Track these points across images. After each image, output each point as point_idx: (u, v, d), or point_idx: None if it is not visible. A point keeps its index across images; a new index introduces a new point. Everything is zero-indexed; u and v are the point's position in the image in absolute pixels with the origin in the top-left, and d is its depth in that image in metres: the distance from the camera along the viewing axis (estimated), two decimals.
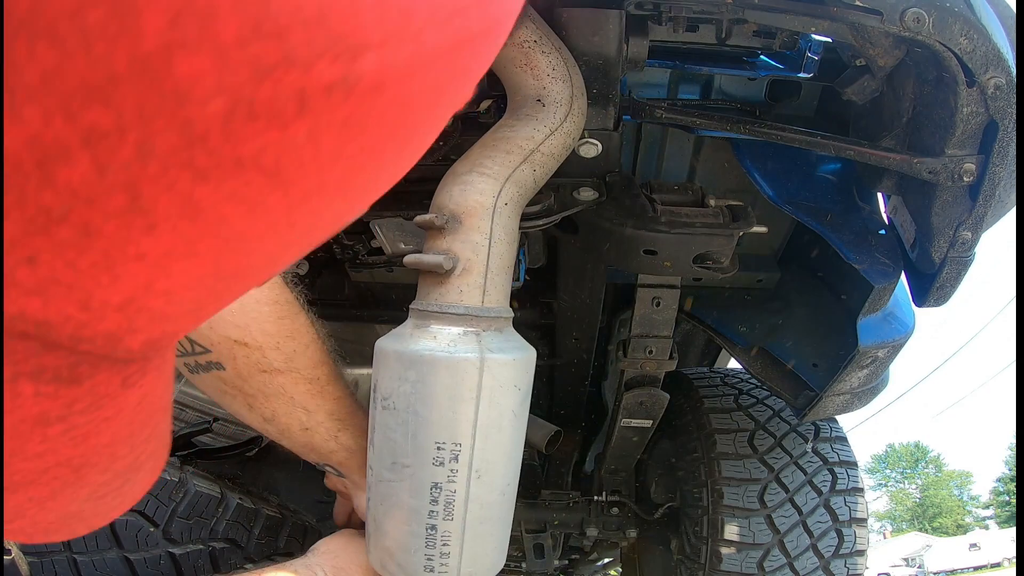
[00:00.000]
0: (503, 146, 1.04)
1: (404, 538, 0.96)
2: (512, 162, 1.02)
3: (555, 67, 1.07)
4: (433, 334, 0.92)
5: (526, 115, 1.07)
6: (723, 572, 1.77)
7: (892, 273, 1.30)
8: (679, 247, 1.25)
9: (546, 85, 1.07)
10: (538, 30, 1.07)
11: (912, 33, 0.92)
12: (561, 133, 1.08)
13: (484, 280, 0.96)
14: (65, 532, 0.39)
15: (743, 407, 1.97)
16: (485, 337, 0.93)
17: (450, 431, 0.92)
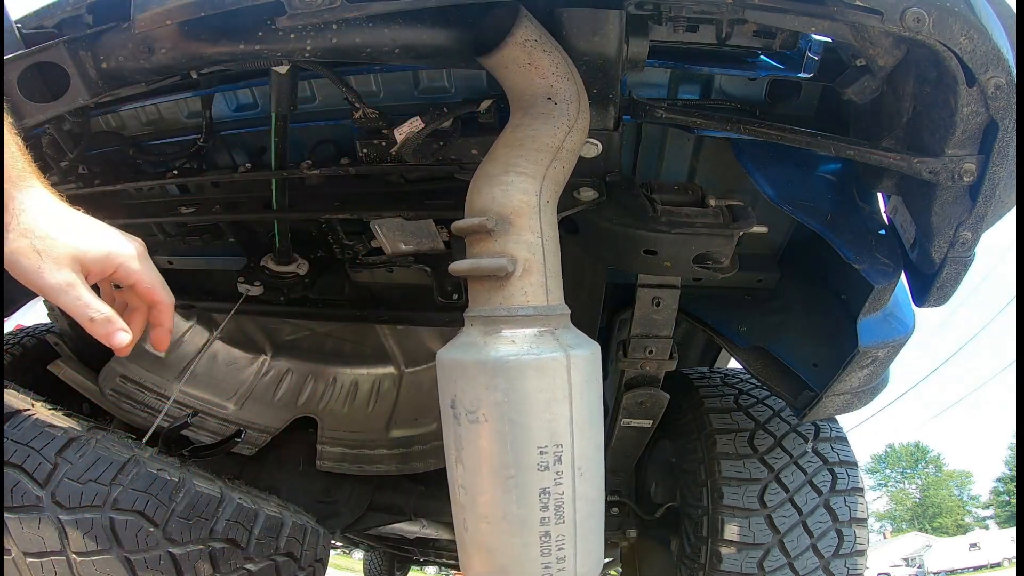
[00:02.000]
0: (531, 145, 1.04)
1: (518, 551, 0.91)
2: (545, 160, 1.03)
3: (558, 65, 1.07)
4: (510, 339, 0.91)
5: (541, 113, 1.07)
6: (723, 572, 1.76)
7: (892, 273, 1.30)
8: (679, 247, 1.24)
9: (553, 83, 1.07)
10: (536, 29, 1.07)
11: (912, 33, 0.92)
12: (577, 129, 1.09)
13: (545, 278, 0.96)
14: None
15: (743, 407, 1.97)
16: (560, 334, 0.94)
17: (551, 433, 0.90)
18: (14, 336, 2.43)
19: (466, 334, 0.96)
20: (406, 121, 1.32)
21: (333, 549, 4.10)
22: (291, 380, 2.29)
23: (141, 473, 1.13)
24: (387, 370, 2.30)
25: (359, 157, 1.44)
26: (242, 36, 1.04)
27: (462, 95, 1.46)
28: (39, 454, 1.07)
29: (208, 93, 1.54)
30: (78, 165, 1.64)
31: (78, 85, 1.04)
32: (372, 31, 1.06)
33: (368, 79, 1.47)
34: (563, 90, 1.08)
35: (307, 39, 1.04)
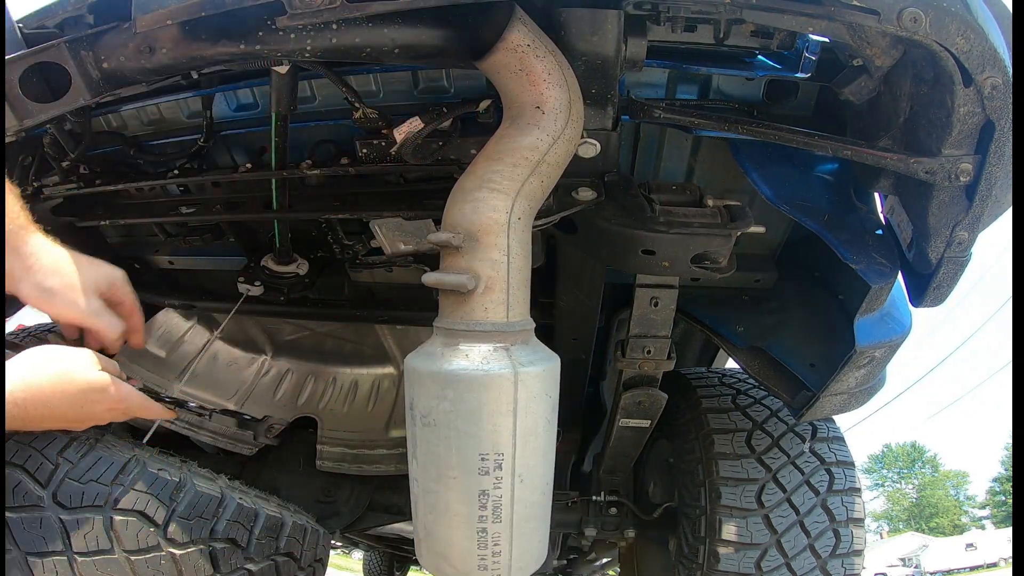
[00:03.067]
0: (509, 159, 1.03)
1: (458, 542, 1.02)
2: (520, 175, 1.02)
3: (551, 72, 1.05)
4: (465, 352, 0.96)
5: (527, 124, 1.06)
6: (721, 572, 1.77)
7: (889, 273, 1.31)
8: (677, 247, 1.25)
9: (543, 91, 1.05)
10: (530, 33, 1.05)
11: (909, 33, 0.93)
12: (563, 140, 1.07)
13: (507, 296, 1.00)
14: None
15: (741, 407, 1.97)
16: (514, 351, 0.98)
17: (492, 443, 0.97)
18: (15, 336, 2.42)
19: (430, 343, 1.02)
20: (405, 121, 1.33)
21: (333, 549, 4.10)
22: (291, 380, 2.29)
23: (142, 473, 1.13)
24: (387, 370, 2.30)
25: (359, 157, 1.44)
26: (242, 36, 1.04)
27: (461, 95, 1.47)
28: (40, 454, 1.08)
29: (209, 93, 1.54)
30: (79, 165, 1.65)
31: (79, 85, 1.05)
32: (372, 31, 1.06)
33: (368, 79, 1.47)
34: (553, 99, 1.06)
35: (307, 39, 1.04)
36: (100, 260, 1.23)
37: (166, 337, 2.28)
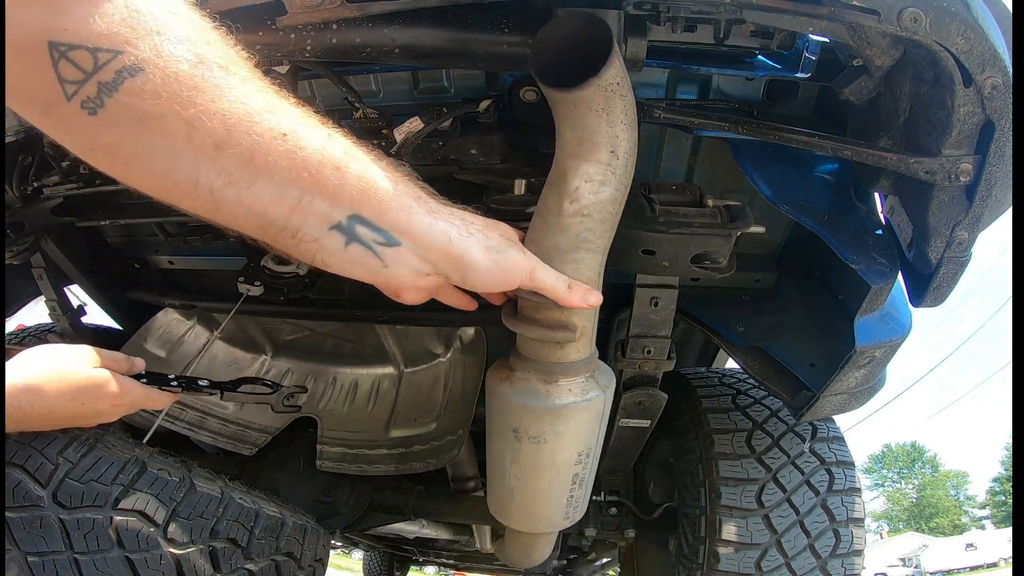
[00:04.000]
0: (598, 215, 1.02)
1: (553, 510, 1.35)
2: (607, 231, 1.05)
3: (628, 111, 1.00)
4: (567, 388, 1.12)
5: (605, 171, 1.01)
6: (721, 572, 1.77)
7: (889, 273, 1.31)
8: (677, 247, 1.25)
9: (619, 133, 1.00)
10: (622, 68, 0.97)
11: (909, 33, 0.93)
12: (626, 184, 1.05)
13: (591, 335, 1.12)
14: None
15: (741, 407, 1.97)
16: (598, 376, 1.16)
17: (587, 444, 1.22)
18: (15, 336, 2.43)
19: (526, 379, 1.13)
20: (405, 121, 1.33)
21: (333, 549, 4.11)
22: (291, 380, 2.29)
23: (142, 473, 1.13)
24: (387, 370, 2.30)
25: None
26: (242, 36, 1.04)
27: (461, 95, 1.47)
28: (40, 454, 1.08)
29: None
30: (79, 165, 1.65)
31: None
32: (372, 31, 1.06)
33: (368, 79, 1.47)
34: (627, 141, 1.01)
35: (307, 39, 1.04)
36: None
37: (166, 337, 2.28)
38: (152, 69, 0.67)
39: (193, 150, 0.70)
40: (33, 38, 0.64)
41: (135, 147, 0.70)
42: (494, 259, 0.86)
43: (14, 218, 1.79)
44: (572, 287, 0.98)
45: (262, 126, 0.71)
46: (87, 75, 0.66)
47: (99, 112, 0.67)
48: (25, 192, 1.67)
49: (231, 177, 0.72)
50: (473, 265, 0.84)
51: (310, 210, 0.75)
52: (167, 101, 0.68)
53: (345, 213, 0.77)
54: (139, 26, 0.66)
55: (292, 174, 0.73)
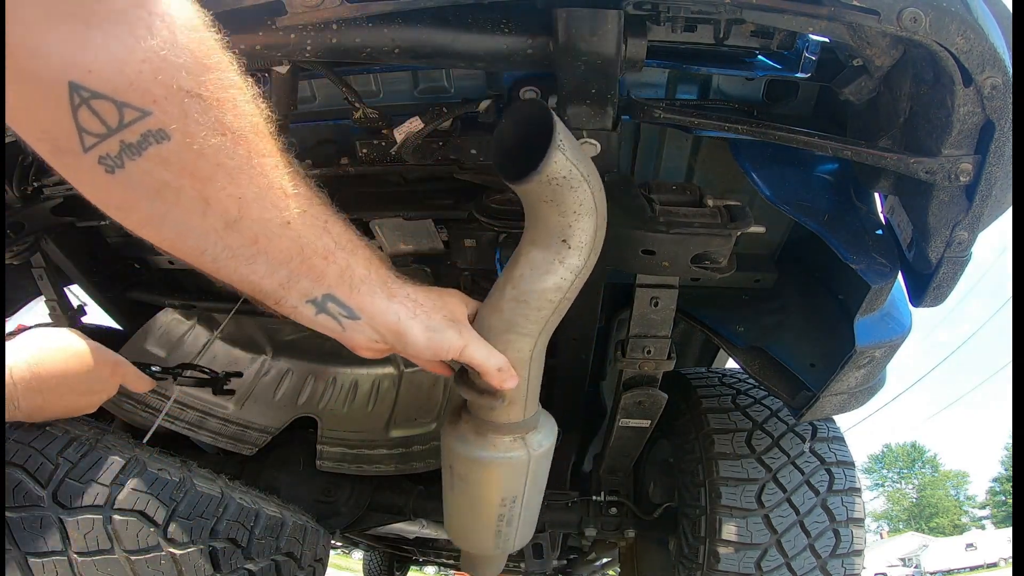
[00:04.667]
0: (534, 302, 1.05)
1: (483, 539, 1.46)
2: (544, 317, 1.08)
3: (583, 202, 1.00)
4: (492, 443, 1.20)
5: (552, 259, 1.03)
6: (721, 572, 1.77)
7: (889, 273, 1.31)
8: (677, 247, 1.25)
9: (572, 223, 1.02)
10: (569, 162, 0.96)
11: (909, 33, 0.93)
12: (585, 271, 1.07)
13: (524, 402, 1.18)
14: None
15: (741, 407, 1.97)
16: (529, 438, 1.23)
17: (510, 492, 1.31)
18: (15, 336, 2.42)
19: (463, 428, 1.23)
20: (406, 121, 1.33)
21: (333, 549, 4.10)
22: (291, 380, 2.29)
23: (142, 473, 1.13)
24: (387, 370, 2.30)
25: (359, 157, 1.44)
26: (242, 36, 1.04)
27: (461, 95, 1.47)
28: (40, 454, 1.07)
29: None
30: None
31: None
32: (372, 31, 1.06)
33: (368, 79, 1.47)
34: (581, 231, 1.02)
35: (307, 39, 1.04)
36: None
37: (166, 337, 2.28)
38: (179, 138, 0.66)
39: (205, 226, 0.73)
40: (53, 73, 0.60)
41: (149, 212, 0.71)
42: (429, 337, 0.98)
43: (14, 218, 1.79)
44: (501, 368, 1.07)
45: (271, 212, 0.76)
46: (110, 131, 0.64)
47: (117, 172, 0.66)
48: (25, 192, 1.67)
49: (234, 252, 0.78)
50: (412, 341, 0.97)
51: (295, 287, 0.86)
52: (189, 176, 0.69)
53: (322, 292, 0.88)
54: (171, 81, 0.65)
55: (287, 257, 0.82)
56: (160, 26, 0.64)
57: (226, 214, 0.73)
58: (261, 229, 0.77)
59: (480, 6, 1.09)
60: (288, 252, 0.81)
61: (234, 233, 0.75)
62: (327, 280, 0.87)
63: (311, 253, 0.83)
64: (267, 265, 0.81)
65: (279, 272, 0.82)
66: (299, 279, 0.85)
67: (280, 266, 0.82)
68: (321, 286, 0.87)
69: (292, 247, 0.81)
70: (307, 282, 0.86)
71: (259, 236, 0.77)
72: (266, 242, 0.78)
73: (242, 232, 0.75)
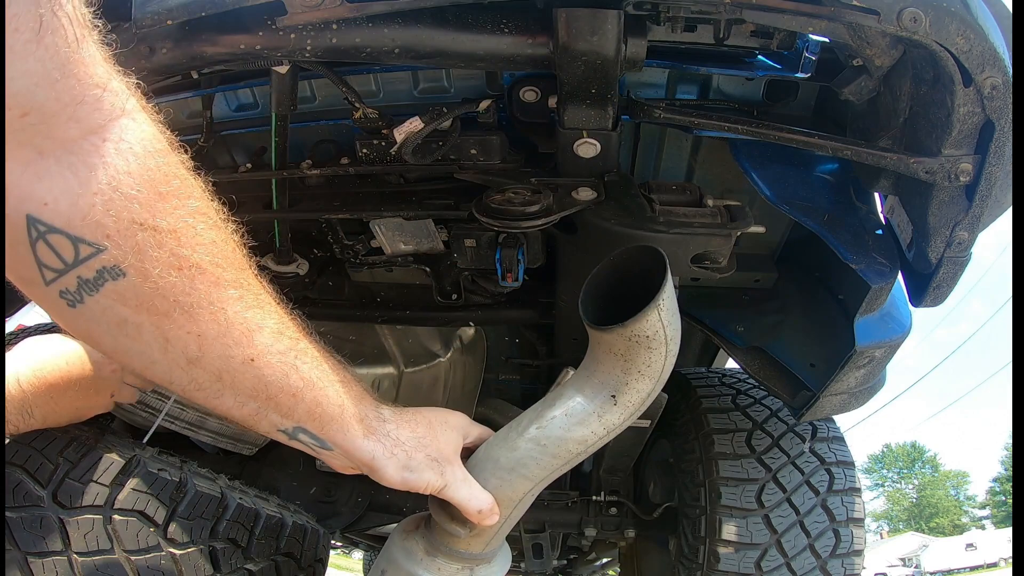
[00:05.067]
0: (554, 449, 0.99)
1: None
2: (556, 466, 1.02)
3: (651, 364, 0.94)
4: (439, 567, 1.08)
5: (593, 412, 0.98)
6: (721, 572, 1.77)
7: (889, 273, 1.31)
8: (677, 247, 1.25)
9: (631, 382, 0.96)
10: (660, 323, 0.91)
11: (909, 33, 0.93)
12: (618, 431, 1.01)
13: (491, 540, 1.09)
14: None
15: (741, 407, 1.97)
16: (478, 571, 1.10)
17: None
18: (15, 336, 2.42)
19: (416, 539, 1.12)
20: (406, 121, 1.33)
21: (333, 549, 4.09)
22: None
23: (142, 473, 1.13)
24: (387, 370, 2.30)
25: (359, 157, 1.44)
26: (243, 36, 1.05)
27: (461, 95, 1.47)
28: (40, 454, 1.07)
29: (208, 93, 1.54)
30: None
31: None
32: (372, 31, 1.06)
33: (368, 79, 1.47)
34: (636, 391, 0.96)
35: (307, 39, 1.05)
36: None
37: None
38: (134, 275, 0.66)
39: (168, 361, 0.73)
40: (12, 205, 0.60)
41: (113, 345, 0.72)
42: (404, 478, 0.96)
43: None
44: (482, 510, 1.01)
45: (233, 350, 0.75)
46: (67, 267, 0.63)
47: (78, 306, 0.66)
48: None
49: (200, 385, 0.77)
50: (386, 478, 0.95)
51: (265, 419, 0.84)
52: (147, 312, 0.68)
53: (292, 425, 0.86)
54: (123, 214, 0.64)
55: (254, 393, 0.80)
56: (114, 155, 0.63)
57: (187, 351, 0.72)
58: (224, 366, 0.75)
59: (480, 6, 1.09)
60: (254, 388, 0.79)
61: (198, 369, 0.75)
62: (296, 415, 0.85)
63: (276, 391, 0.81)
64: (234, 399, 0.80)
65: (248, 405, 0.82)
66: (268, 412, 0.83)
67: (248, 399, 0.81)
68: (291, 420, 0.86)
69: (257, 384, 0.79)
70: (276, 416, 0.84)
71: (223, 373, 0.76)
72: (230, 378, 0.77)
73: (205, 368, 0.75)
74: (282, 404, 0.83)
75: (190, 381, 0.76)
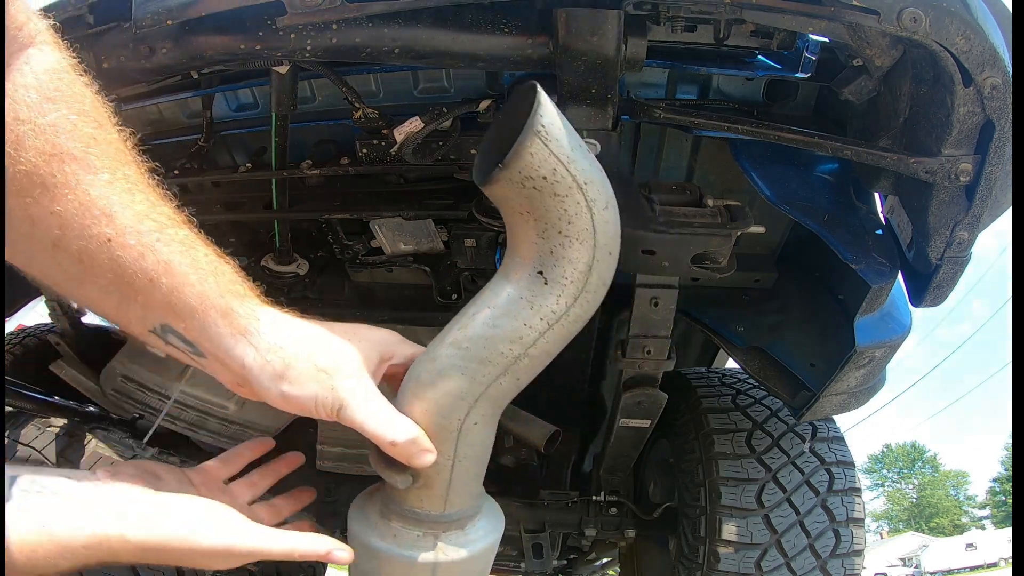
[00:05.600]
0: (480, 352, 0.80)
1: None
2: (490, 376, 0.81)
3: (572, 220, 0.74)
4: (394, 532, 0.90)
5: (519, 298, 0.78)
6: (721, 572, 1.77)
7: (889, 273, 1.31)
8: (677, 247, 1.25)
9: (554, 250, 0.75)
10: (553, 156, 0.72)
11: (909, 33, 0.93)
12: (566, 322, 0.81)
13: (447, 492, 0.88)
14: None
15: (741, 407, 1.97)
16: (444, 538, 0.90)
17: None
18: (15, 336, 2.42)
19: (372, 501, 0.96)
20: (406, 121, 1.33)
21: None
22: None
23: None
24: None
25: (359, 157, 1.45)
26: (243, 36, 1.05)
27: (461, 95, 1.47)
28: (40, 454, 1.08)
29: (208, 93, 1.54)
30: None
31: None
32: (372, 31, 1.06)
33: (368, 79, 1.47)
34: (566, 261, 0.76)
35: (307, 39, 1.05)
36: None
37: None
38: (11, 162, 0.68)
39: (34, 246, 0.72)
40: None
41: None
42: (282, 391, 0.80)
43: None
44: (397, 441, 0.80)
45: (92, 229, 0.72)
46: None
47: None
48: None
49: (68, 274, 0.74)
50: (262, 393, 0.81)
51: (130, 313, 0.77)
52: (15, 195, 0.69)
53: (157, 322, 0.78)
54: (9, 114, 0.68)
55: (114, 279, 0.74)
56: (16, 73, 0.69)
57: (49, 232, 0.71)
58: (83, 246, 0.72)
59: (480, 6, 1.10)
60: (113, 273, 0.74)
61: (61, 252, 0.72)
62: (155, 307, 0.76)
63: (132, 276, 0.74)
64: (97, 287, 0.75)
65: (112, 295, 0.76)
66: (131, 304, 0.76)
67: (110, 287, 0.75)
68: (153, 315, 0.77)
69: (114, 267, 0.74)
70: (139, 309, 0.77)
71: (82, 255, 0.73)
72: (89, 260, 0.73)
73: (67, 250, 0.72)
74: (139, 293, 0.75)
75: (55, 266, 0.73)
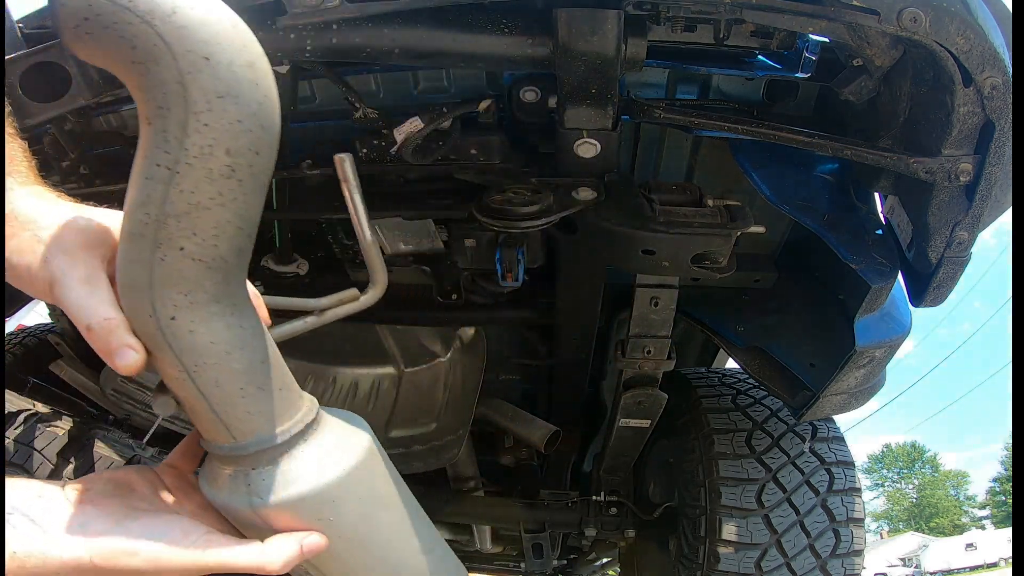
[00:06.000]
0: (128, 229, 0.67)
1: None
2: (144, 252, 0.64)
3: (134, 41, 0.57)
4: (212, 475, 0.77)
5: (140, 159, 0.66)
6: (721, 572, 1.77)
7: (889, 273, 1.31)
8: (677, 247, 1.25)
9: (139, 83, 0.60)
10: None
11: (909, 33, 0.93)
12: (190, 158, 0.62)
13: (216, 415, 0.71)
14: None
15: (741, 407, 1.97)
16: (255, 477, 0.74)
17: None
18: (15, 336, 2.42)
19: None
20: (406, 121, 1.33)
21: None
22: None
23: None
24: (387, 370, 2.30)
25: (359, 157, 1.45)
26: None
27: (461, 95, 1.47)
28: (40, 454, 1.08)
29: None
30: (79, 165, 1.64)
31: (80, 85, 1.05)
32: (372, 31, 1.06)
33: (368, 79, 1.47)
34: (150, 90, 0.60)
35: (307, 39, 1.05)
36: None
37: None
38: None
39: None
40: None
41: None
42: (7, 259, 0.68)
43: None
44: (91, 325, 0.63)
45: None
46: None
47: None
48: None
49: None
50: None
51: None
52: None
53: None
54: None
55: None
56: None
57: None
58: None
59: (480, 6, 1.09)
60: None
61: None
62: None
63: None
64: None
65: None
66: None
67: None
68: None
69: None
70: None
71: None
72: None
73: None
74: None
75: None
